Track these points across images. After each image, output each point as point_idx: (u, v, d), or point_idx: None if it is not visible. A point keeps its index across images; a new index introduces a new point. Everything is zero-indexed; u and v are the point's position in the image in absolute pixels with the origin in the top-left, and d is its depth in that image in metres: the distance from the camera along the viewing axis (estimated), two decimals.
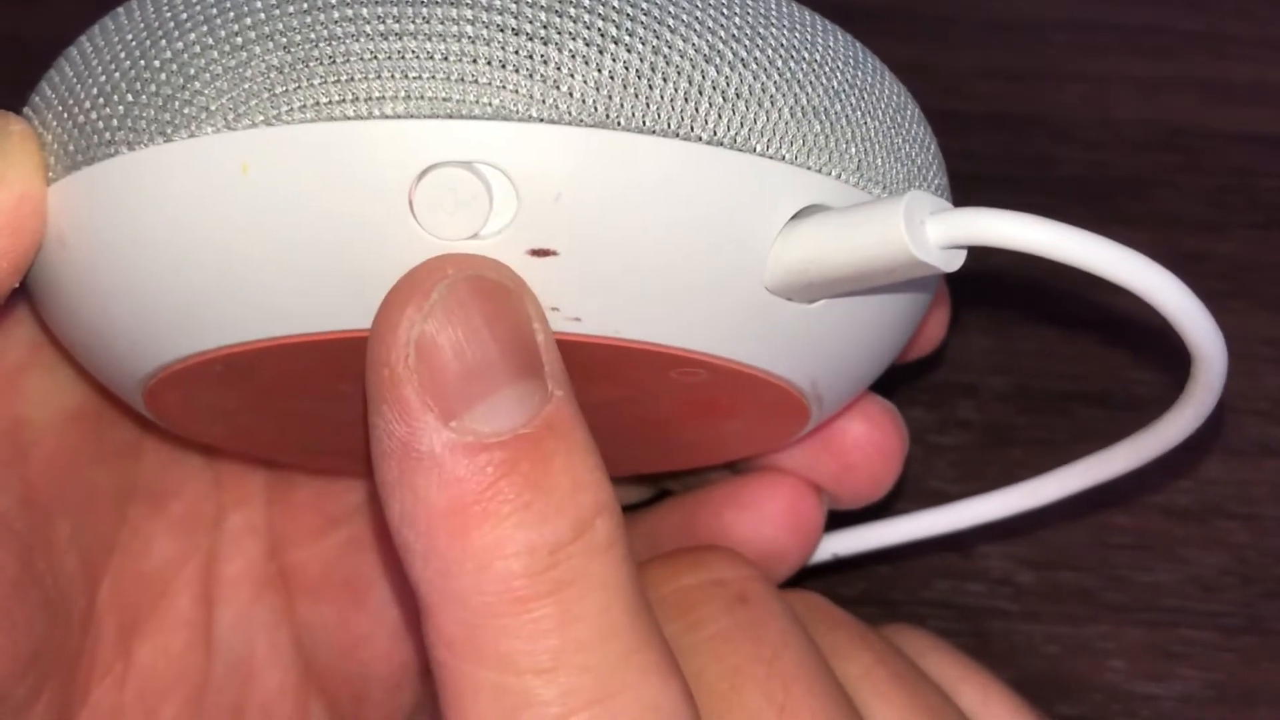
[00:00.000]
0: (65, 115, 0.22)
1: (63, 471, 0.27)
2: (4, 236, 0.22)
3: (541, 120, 0.20)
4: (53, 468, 0.26)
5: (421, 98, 0.20)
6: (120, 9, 0.23)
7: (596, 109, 0.20)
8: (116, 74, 0.21)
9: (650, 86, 0.21)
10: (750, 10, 0.22)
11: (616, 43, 0.21)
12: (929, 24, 0.42)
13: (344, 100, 0.20)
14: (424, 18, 0.21)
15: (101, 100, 0.21)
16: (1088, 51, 0.41)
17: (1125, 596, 0.32)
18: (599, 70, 0.21)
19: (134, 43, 0.22)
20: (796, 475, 0.29)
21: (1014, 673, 0.31)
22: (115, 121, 0.21)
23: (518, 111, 0.20)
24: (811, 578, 0.31)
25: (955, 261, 0.21)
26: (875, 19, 0.36)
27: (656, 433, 0.26)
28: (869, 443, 0.29)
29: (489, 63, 0.20)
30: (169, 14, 0.21)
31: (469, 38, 0.20)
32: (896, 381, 0.34)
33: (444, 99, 0.20)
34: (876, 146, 0.23)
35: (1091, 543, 0.33)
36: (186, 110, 0.21)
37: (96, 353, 0.24)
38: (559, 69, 0.20)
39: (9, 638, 0.25)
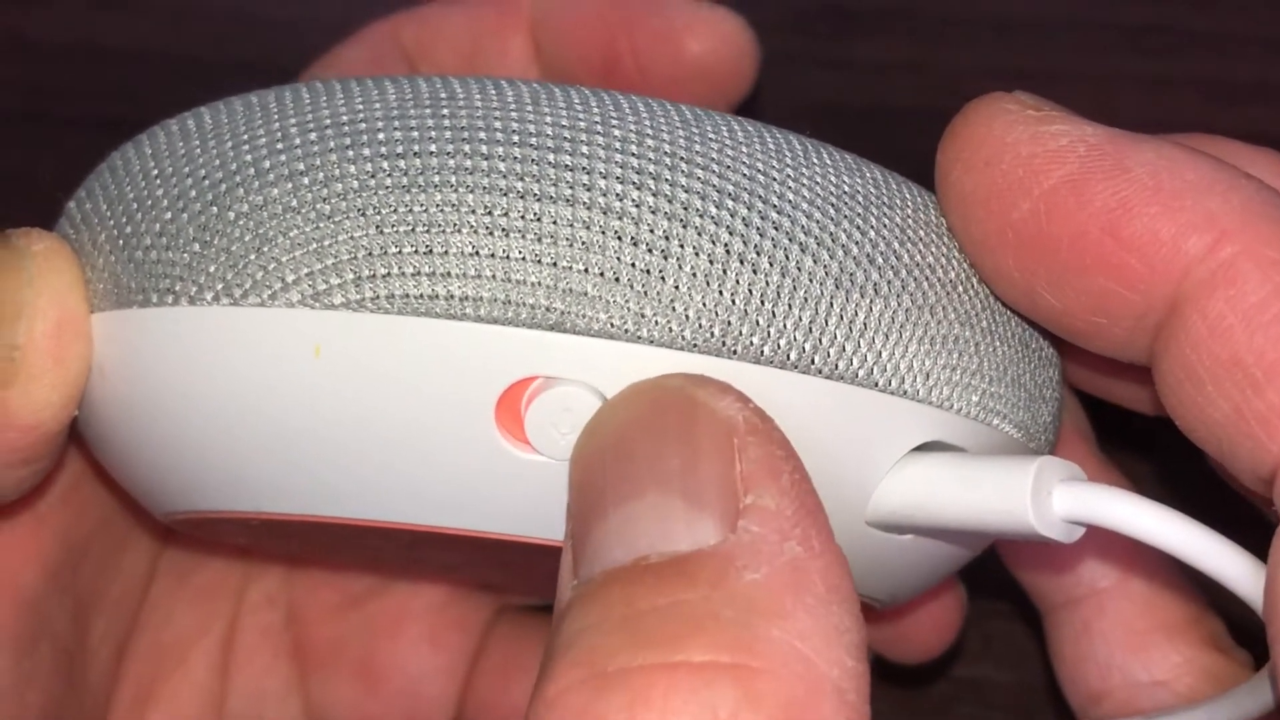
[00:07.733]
0: (122, 245, 0.20)
1: (103, 572, 0.26)
2: (49, 369, 0.20)
3: (650, 342, 0.19)
4: (94, 571, 0.26)
5: (522, 304, 0.18)
6: (190, 120, 0.21)
7: (712, 334, 0.19)
8: (185, 215, 0.20)
9: (773, 314, 0.19)
10: (889, 221, 0.20)
11: (742, 261, 0.19)
12: (929, 24, 0.42)
13: (436, 296, 0.18)
14: (535, 214, 0.19)
15: (165, 241, 0.20)
16: (1089, 51, 0.41)
17: None
18: (719, 292, 0.19)
19: (206, 180, 0.20)
20: None
21: (1015, 674, 0.31)
22: (178, 270, 0.20)
23: (625, 331, 0.19)
24: None
25: (1075, 534, 0.19)
26: (875, 19, 0.36)
27: None
28: (926, 615, 0.27)
29: (601, 274, 0.18)
30: (249, 154, 0.20)
31: (582, 244, 0.19)
32: None
33: (546, 308, 0.18)
34: (1000, 373, 0.21)
35: None
36: (260, 276, 0.19)
37: (122, 477, 0.22)
38: (676, 288, 0.19)
39: None
